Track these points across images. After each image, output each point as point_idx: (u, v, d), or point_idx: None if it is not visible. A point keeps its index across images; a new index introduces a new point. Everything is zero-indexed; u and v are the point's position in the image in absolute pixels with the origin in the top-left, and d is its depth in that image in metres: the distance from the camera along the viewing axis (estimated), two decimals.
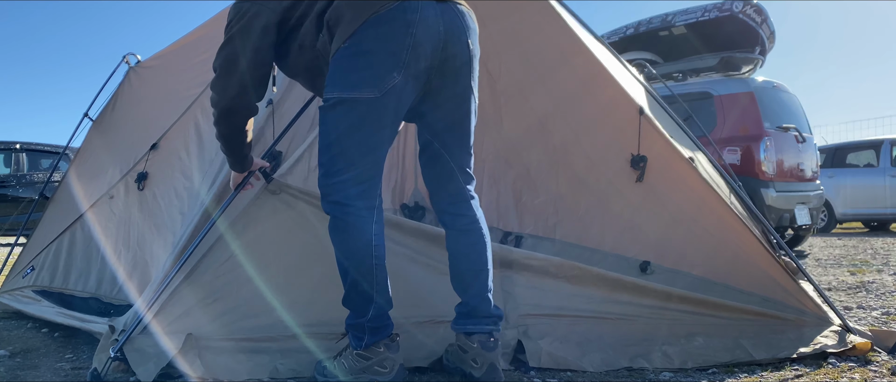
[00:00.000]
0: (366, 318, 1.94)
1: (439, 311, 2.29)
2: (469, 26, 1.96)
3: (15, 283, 3.86)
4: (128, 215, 3.27)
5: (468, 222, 2.06)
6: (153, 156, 3.38)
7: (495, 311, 2.04)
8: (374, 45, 1.82)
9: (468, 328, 2.02)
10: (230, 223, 2.14)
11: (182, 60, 3.72)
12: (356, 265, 1.91)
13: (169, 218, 2.97)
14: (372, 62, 1.82)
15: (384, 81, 1.82)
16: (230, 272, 2.17)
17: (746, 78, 6.93)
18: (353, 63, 1.83)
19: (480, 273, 2.03)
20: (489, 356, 1.97)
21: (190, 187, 2.96)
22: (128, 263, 2.98)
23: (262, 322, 2.18)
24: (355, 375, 1.96)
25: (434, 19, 1.85)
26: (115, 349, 1.98)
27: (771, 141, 6.45)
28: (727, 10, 6.71)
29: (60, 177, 4.40)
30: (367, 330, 1.95)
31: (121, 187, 3.46)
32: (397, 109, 1.90)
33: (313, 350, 2.16)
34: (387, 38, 1.81)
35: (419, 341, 2.27)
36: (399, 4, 1.82)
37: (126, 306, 2.80)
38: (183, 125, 3.39)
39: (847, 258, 6.31)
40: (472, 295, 2.03)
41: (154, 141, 3.40)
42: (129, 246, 3.08)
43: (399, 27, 1.81)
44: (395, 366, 1.97)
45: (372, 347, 1.95)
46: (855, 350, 2.35)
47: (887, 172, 10.85)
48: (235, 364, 2.07)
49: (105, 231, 3.33)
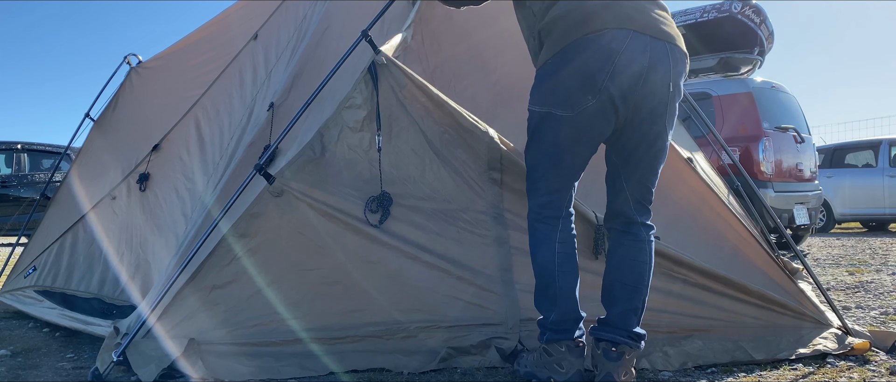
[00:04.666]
0: (549, 319, 2.04)
1: (440, 313, 2.30)
2: (676, 67, 1.96)
3: (17, 283, 3.87)
4: (129, 216, 3.28)
5: (633, 240, 2.07)
6: (155, 157, 3.39)
7: (637, 330, 2.04)
8: (576, 68, 1.88)
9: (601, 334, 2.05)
10: (233, 225, 2.14)
11: (183, 61, 3.74)
12: (541, 270, 2.03)
13: (170, 219, 2.98)
14: (569, 83, 1.90)
15: (578, 103, 1.90)
16: (233, 274, 2.17)
17: (745, 79, 6.94)
18: (553, 81, 1.94)
19: (634, 290, 2.04)
20: (609, 364, 2.00)
21: (191, 188, 2.97)
22: (130, 264, 2.99)
23: (264, 324, 2.18)
24: (536, 368, 2.08)
25: (639, 53, 1.87)
26: (118, 352, 1.99)
27: (769, 141, 6.47)
28: (726, 11, 6.72)
29: (62, 177, 4.40)
30: (548, 329, 2.04)
31: (123, 187, 3.47)
32: (590, 131, 1.95)
33: (316, 353, 2.17)
34: (588, 62, 1.87)
35: (420, 340, 2.28)
36: (607, 32, 1.86)
37: (129, 307, 2.81)
38: (184, 126, 3.40)
39: (846, 258, 6.33)
40: (616, 314, 2.04)
41: (156, 142, 3.41)
42: (132, 247, 3.10)
43: (602, 54, 1.85)
44: (572, 369, 2.02)
45: (553, 344, 2.03)
46: (854, 350, 2.36)
47: (886, 172, 10.86)
48: (237, 366, 2.08)
49: (107, 232, 3.34)
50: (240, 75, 3.29)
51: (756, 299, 2.49)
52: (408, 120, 2.27)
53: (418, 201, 2.32)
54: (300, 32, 3.04)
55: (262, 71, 3.18)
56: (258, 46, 3.31)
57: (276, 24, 3.31)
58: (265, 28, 3.37)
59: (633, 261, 2.04)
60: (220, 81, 3.41)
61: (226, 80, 3.38)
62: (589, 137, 1.96)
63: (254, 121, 2.92)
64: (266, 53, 3.25)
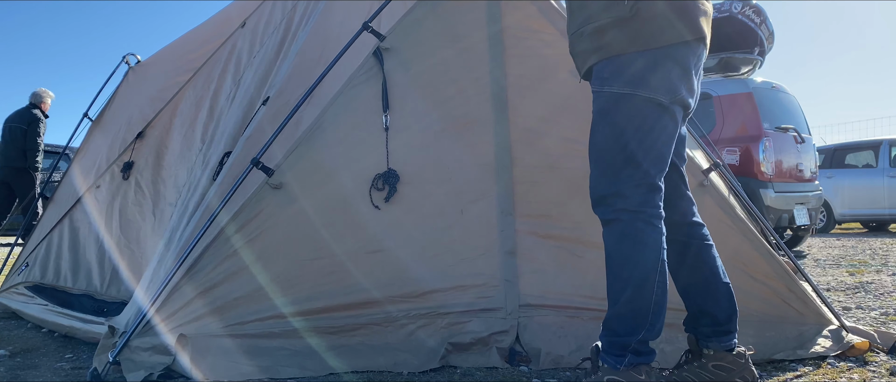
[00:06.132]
0: (635, 337, 1.75)
1: (439, 301, 2.30)
2: None
3: (11, 281, 3.87)
4: (111, 203, 3.30)
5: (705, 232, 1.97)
6: (139, 145, 3.39)
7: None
8: (680, 61, 1.80)
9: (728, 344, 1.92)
10: (231, 218, 2.14)
11: (174, 53, 3.75)
12: (639, 279, 1.74)
13: (155, 207, 2.99)
14: (672, 73, 1.79)
15: (676, 93, 1.79)
16: (231, 268, 2.16)
17: (745, 79, 6.94)
18: (654, 65, 1.77)
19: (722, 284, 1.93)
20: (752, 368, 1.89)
21: (178, 177, 2.98)
22: (112, 249, 3.00)
23: (262, 318, 2.18)
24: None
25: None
26: (114, 353, 1.98)
27: (770, 141, 6.47)
28: (726, 11, 6.72)
29: (60, 177, 4.40)
30: (631, 350, 1.76)
31: (107, 176, 3.48)
32: (675, 126, 1.84)
33: (315, 347, 2.17)
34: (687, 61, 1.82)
35: (420, 340, 2.27)
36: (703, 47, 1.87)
37: (119, 303, 2.81)
38: (167, 113, 3.41)
39: (846, 258, 6.32)
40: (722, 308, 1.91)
41: (139, 130, 3.41)
42: (112, 231, 3.10)
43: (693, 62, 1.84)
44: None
45: (630, 370, 1.74)
46: (854, 351, 2.35)
47: (886, 172, 10.86)
48: (237, 365, 2.07)
49: (90, 220, 3.35)
50: (224, 62, 3.30)
51: (757, 297, 2.49)
52: (415, 101, 2.28)
53: (421, 183, 2.33)
54: (290, 21, 3.04)
55: (245, 55, 3.18)
56: (246, 35, 3.31)
57: (266, 11, 3.31)
58: (255, 15, 3.37)
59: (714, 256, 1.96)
60: (205, 67, 3.42)
61: (210, 66, 3.39)
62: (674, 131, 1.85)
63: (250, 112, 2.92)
64: (252, 39, 3.24)
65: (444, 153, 2.41)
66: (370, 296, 2.28)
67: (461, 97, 2.44)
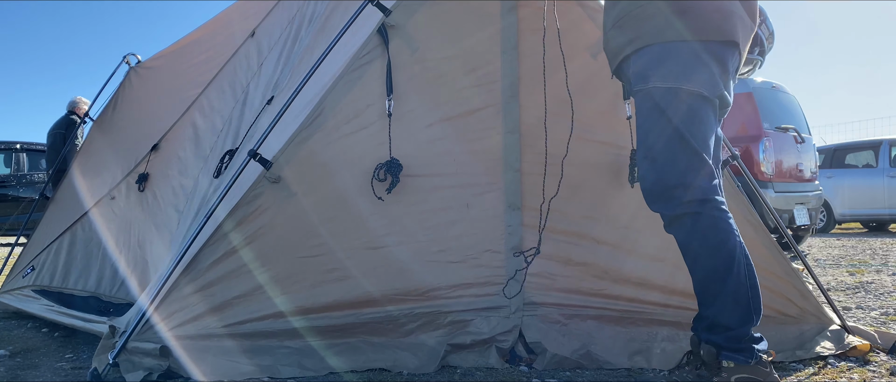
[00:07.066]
0: (752, 324, 1.73)
1: (442, 299, 2.28)
2: None
3: (15, 283, 3.87)
4: (128, 216, 3.28)
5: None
6: (154, 157, 3.39)
7: None
8: (720, 58, 1.82)
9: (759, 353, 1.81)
10: (229, 214, 2.10)
11: (182, 60, 3.73)
12: (727, 266, 1.73)
13: (167, 218, 2.97)
14: (714, 70, 1.81)
15: (717, 89, 1.82)
16: (230, 264, 2.12)
17: (745, 79, 6.92)
18: (698, 61, 1.78)
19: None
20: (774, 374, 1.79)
21: (187, 186, 2.97)
22: (128, 263, 2.99)
23: (262, 316, 2.16)
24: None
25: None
26: (114, 354, 1.97)
27: (770, 141, 6.47)
28: None
29: None
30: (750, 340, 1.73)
31: (122, 187, 3.47)
32: (715, 121, 1.87)
33: (316, 348, 2.15)
34: (725, 59, 1.84)
35: (420, 340, 2.26)
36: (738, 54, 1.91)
37: (125, 304, 2.79)
38: (182, 126, 3.39)
39: (846, 258, 6.32)
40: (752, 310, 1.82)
41: (155, 142, 3.41)
42: (130, 246, 3.09)
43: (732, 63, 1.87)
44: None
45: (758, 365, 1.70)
46: (854, 351, 2.35)
47: (886, 172, 10.85)
48: (237, 365, 2.06)
49: (106, 232, 3.34)
50: (234, 73, 3.29)
51: (763, 294, 2.48)
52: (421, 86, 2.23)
53: (425, 176, 2.27)
54: (294, 26, 3.03)
55: (255, 64, 3.18)
56: (254, 44, 3.30)
57: (273, 21, 3.31)
58: (262, 26, 3.37)
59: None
60: (217, 79, 3.41)
61: (222, 78, 3.38)
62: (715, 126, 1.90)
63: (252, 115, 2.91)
64: (259, 47, 3.24)
65: (451, 143, 2.32)
66: (371, 295, 2.26)
67: (470, 85, 2.36)
